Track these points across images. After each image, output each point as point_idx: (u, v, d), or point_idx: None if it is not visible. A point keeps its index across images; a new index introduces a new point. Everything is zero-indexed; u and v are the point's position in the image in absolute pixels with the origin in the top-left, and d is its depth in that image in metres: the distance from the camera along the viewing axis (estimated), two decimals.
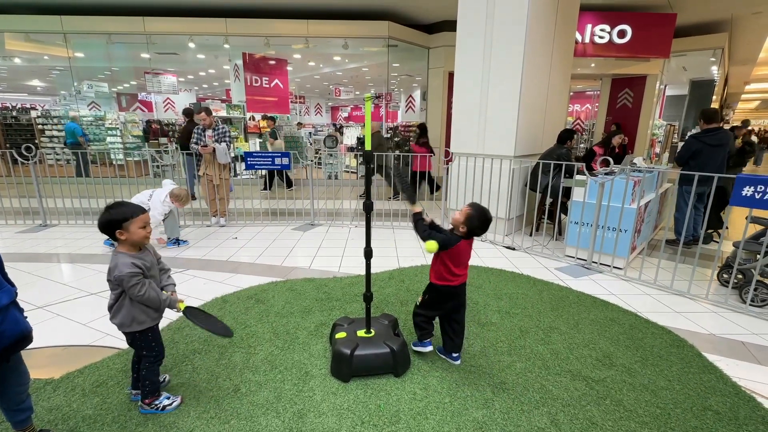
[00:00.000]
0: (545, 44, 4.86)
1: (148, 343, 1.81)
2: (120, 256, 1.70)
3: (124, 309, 1.73)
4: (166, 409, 1.85)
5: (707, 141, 4.21)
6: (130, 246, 1.72)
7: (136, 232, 1.69)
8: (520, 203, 5.00)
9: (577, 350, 2.41)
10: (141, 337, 1.78)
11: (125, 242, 1.70)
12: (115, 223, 1.66)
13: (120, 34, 8.96)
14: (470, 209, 2.07)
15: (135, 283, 1.67)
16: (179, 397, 1.92)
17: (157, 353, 1.84)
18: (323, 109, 25.56)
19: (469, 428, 1.78)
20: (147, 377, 1.82)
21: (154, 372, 1.85)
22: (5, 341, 1.33)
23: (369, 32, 8.91)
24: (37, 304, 2.94)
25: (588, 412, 1.89)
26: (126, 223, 1.67)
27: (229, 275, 3.57)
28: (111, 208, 1.69)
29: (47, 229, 5.05)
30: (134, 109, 13.80)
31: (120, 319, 1.74)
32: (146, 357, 1.82)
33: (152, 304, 1.75)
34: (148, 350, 1.81)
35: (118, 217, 1.66)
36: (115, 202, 1.76)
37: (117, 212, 1.68)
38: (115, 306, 1.74)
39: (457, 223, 2.08)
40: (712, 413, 1.89)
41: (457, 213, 2.11)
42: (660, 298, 3.23)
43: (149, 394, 1.84)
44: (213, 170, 5.10)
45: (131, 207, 1.73)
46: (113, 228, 1.67)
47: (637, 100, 10.43)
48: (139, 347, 1.81)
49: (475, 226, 2.05)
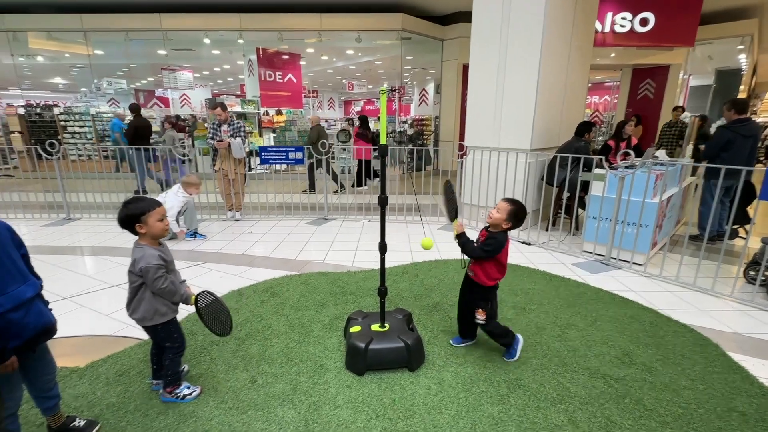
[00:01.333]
0: (564, 34, 4.73)
1: (171, 335, 1.86)
2: (146, 248, 1.74)
3: (145, 303, 1.76)
4: (186, 398, 1.90)
5: (740, 131, 4.02)
6: (150, 239, 1.77)
7: (155, 225, 1.73)
8: (536, 198, 4.92)
9: (595, 347, 2.37)
10: (163, 329, 1.83)
11: (145, 235, 1.75)
12: (134, 218, 1.71)
13: (137, 30, 9.11)
14: (510, 205, 2.07)
15: (160, 275, 1.72)
16: (199, 388, 1.96)
17: (179, 344, 1.89)
18: (336, 103, 25.55)
19: (485, 424, 1.77)
20: (169, 368, 1.88)
21: (176, 362, 1.90)
22: (29, 332, 1.38)
23: (382, 25, 8.83)
24: (62, 295, 3.04)
25: (607, 410, 1.85)
26: (144, 217, 1.71)
27: (245, 268, 3.62)
28: (128, 204, 1.74)
29: (71, 222, 5.21)
30: (152, 105, 14.06)
31: (141, 314, 1.77)
32: (169, 348, 1.87)
33: (172, 298, 1.79)
34: (171, 341, 1.86)
35: (136, 212, 1.71)
36: (132, 197, 1.81)
37: (135, 207, 1.72)
38: (134, 301, 1.77)
39: (498, 221, 2.07)
40: (738, 414, 1.84)
41: (494, 211, 2.10)
42: (682, 296, 3.14)
43: (171, 383, 1.89)
44: (228, 165, 5.17)
45: (148, 201, 1.77)
46: (132, 222, 1.71)
47: (659, 91, 10.07)
48: (162, 339, 1.86)
49: (520, 219, 2.08)
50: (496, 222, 2.08)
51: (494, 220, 2.09)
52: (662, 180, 3.64)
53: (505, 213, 2.06)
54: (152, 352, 1.97)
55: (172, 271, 1.83)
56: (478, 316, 2.18)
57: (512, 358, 2.23)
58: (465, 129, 5.33)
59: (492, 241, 2.09)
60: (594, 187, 3.89)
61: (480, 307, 2.16)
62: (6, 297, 1.31)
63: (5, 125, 10.05)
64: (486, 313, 2.15)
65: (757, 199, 3.56)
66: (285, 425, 1.76)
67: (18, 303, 1.34)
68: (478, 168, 4.97)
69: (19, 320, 1.34)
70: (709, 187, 4.22)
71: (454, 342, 2.39)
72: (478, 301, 2.17)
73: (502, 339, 2.23)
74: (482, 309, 2.15)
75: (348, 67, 14.18)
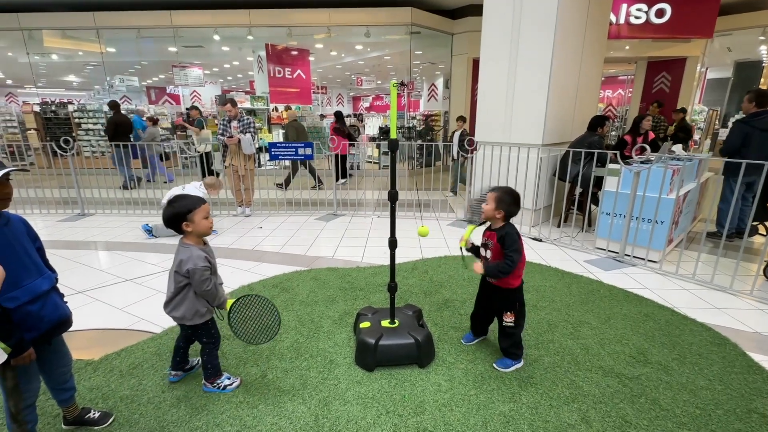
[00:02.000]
0: (577, 26, 4.63)
1: (209, 332, 1.88)
2: (192, 248, 1.73)
3: (187, 302, 1.76)
4: (227, 388, 1.93)
5: (757, 125, 3.89)
6: (196, 238, 1.76)
7: (201, 223, 1.73)
8: (548, 193, 4.84)
9: (609, 346, 2.32)
10: (203, 327, 1.84)
11: (191, 234, 1.74)
12: (181, 216, 1.70)
13: (148, 28, 9.20)
14: (495, 192, 1.98)
15: (206, 277, 1.71)
16: (239, 379, 1.99)
17: (216, 339, 1.91)
18: (345, 99, 25.51)
19: (496, 422, 1.75)
20: (208, 362, 1.91)
21: (214, 356, 1.92)
22: (45, 325, 1.40)
23: (391, 19, 8.77)
24: (77, 289, 3.09)
25: (621, 410, 1.82)
26: (191, 215, 1.70)
27: (255, 264, 3.64)
28: (174, 202, 1.73)
29: (85, 218, 5.31)
30: (163, 102, 14.23)
31: (182, 313, 1.77)
32: (206, 344, 1.89)
33: (215, 300, 1.80)
34: (209, 338, 1.88)
35: (183, 210, 1.70)
36: (176, 195, 1.81)
37: (181, 205, 1.71)
38: (176, 299, 1.76)
39: (489, 212, 1.99)
40: (758, 416, 1.78)
41: (484, 206, 2.02)
42: (699, 294, 3.06)
43: (212, 375, 1.93)
44: (238, 161, 5.19)
45: (193, 198, 1.76)
46: (179, 221, 1.70)
47: (675, 85, 9.82)
48: (200, 336, 1.88)
49: (509, 203, 1.96)
50: (488, 215, 2.00)
51: (486, 213, 2.01)
52: (679, 175, 3.54)
53: (492, 202, 1.97)
54: (179, 344, 1.99)
55: (215, 273, 1.84)
56: (506, 320, 2.06)
57: (503, 368, 2.09)
58: (475, 124, 5.27)
59: (507, 240, 1.93)
60: (608, 183, 3.81)
61: (509, 309, 2.05)
62: (22, 290, 1.33)
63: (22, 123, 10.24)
64: (515, 315, 2.05)
65: None
66: (295, 420, 1.76)
67: (34, 296, 1.36)
68: (488, 163, 4.91)
69: (36, 312, 1.37)
70: (729, 183, 4.10)
71: (465, 341, 2.35)
72: (507, 304, 2.06)
73: (513, 349, 2.10)
74: (512, 311, 2.05)
75: (357, 63, 14.13)
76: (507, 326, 2.07)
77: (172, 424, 1.74)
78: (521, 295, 2.09)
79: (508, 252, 1.93)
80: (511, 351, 2.11)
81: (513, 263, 1.92)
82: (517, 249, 1.92)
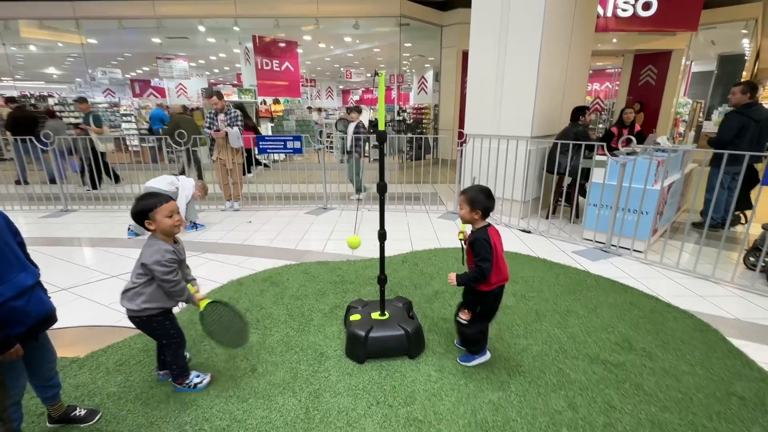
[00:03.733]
0: (565, 19, 4.64)
1: (166, 331, 1.81)
2: (159, 242, 1.71)
3: (143, 296, 1.71)
4: (197, 386, 1.90)
5: (752, 116, 3.89)
6: (162, 235, 1.73)
7: (163, 221, 1.70)
8: (536, 186, 4.89)
9: (595, 334, 2.37)
10: (158, 325, 1.78)
11: (155, 232, 1.72)
12: (142, 214, 1.69)
13: (130, 18, 8.94)
14: (466, 195, 1.89)
15: (172, 269, 1.69)
16: (209, 375, 1.96)
17: (176, 340, 1.84)
18: (334, 92, 25.29)
19: (485, 410, 1.77)
20: (173, 362, 1.86)
21: (177, 356, 1.86)
22: (32, 320, 1.38)
23: (380, 11, 8.67)
24: (61, 286, 3.03)
25: (607, 395, 1.86)
26: (152, 213, 1.68)
27: (245, 258, 3.61)
28: (140, 200, 1.72)
29: (68, 214, 5.18)
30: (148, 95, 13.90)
31: (136, 305, 1.71)
32: (166, 345, 1.84)
33: (179, 296, 1.76)
34: (167, 338, 1.83)
35: (145, 207, 1.69)
36: (144, 192, 1.79)
37: (145, 203, 1.70)
38: (133, 291, 1.72)
39: (465, 216, 1.91)
40: (737, 399, 1.84)
41: (460, 212, 1.94)
42: (682, 282, 3.14)
43: (178, 376, 1.88)
44: (226, 155, 5.12)
45: (157, 197, 1.73)
46: (142, 218, 1.70)
47: (661, 77, 9.95)
48: (159, 336, 1.84)
49: (482, 201, 1.86)
50: (467, 219, 1.91)
51: (464, 218, 1.92)
52: (664, 166, 3.60)
53: (466, 204, 1.88)
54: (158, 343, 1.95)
55: (182, 268, 1.82)
56: (461, 315, 1.99)
57: (465, 363, 2.06)
58: (465, 117, 5.27)
59: (476, 247, 1.85)
60: (595, 174, 3.86)
61: (466, 306, 1.99)
62: (6, 285, 1.30)
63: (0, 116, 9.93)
64: (471, 315, 1.97)
65: (759, 184, 3.53)
66: (285, 413, 1.76)
67: (19, 291, 1.34)
68: (477, 156, 4.92)
69: (22, 308, 1.34)
70: (718, 174, 4.17)
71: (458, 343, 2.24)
72: (466, 302, 2.00)
73: (472, 346, 2.07)
74: (468, 309, 1.98)
75: (346, 55, 14.00)
76: (459, 321, 2.01)
77: (160, 420, 1.72)
78: (487, 301, 1.96)
79: (477, 261, 1.85)
80: (469, 348, 2.09)
81: (482, 273, 1.82)
82: (486, 257, 1.82)
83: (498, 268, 1.88)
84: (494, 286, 1.91)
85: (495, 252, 1.84)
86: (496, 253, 1.85)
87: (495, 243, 1.86)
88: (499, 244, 1.89)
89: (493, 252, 1.83)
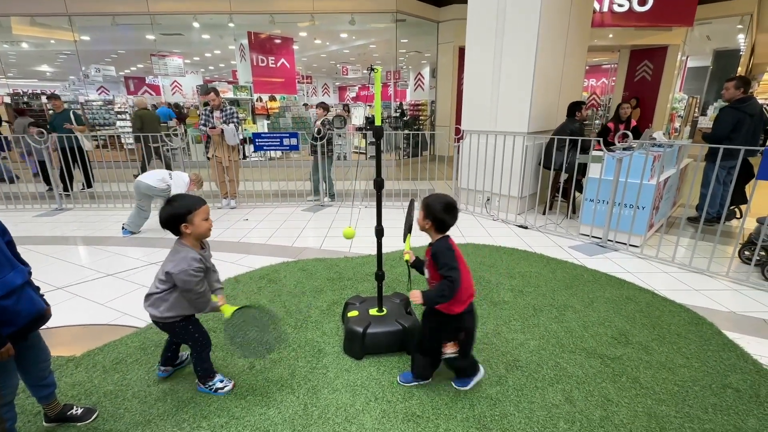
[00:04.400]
0: (561, 14, 4.63)
1: (191, 335, 1.79)
2: (187, 249, 1.64)
3: (167, 303, 1.68)
4: (218, 392, 1.85)
5: (747, 110, 3.91)
6: (194, 240, 1.67)
7: (201, 225, 1.64)
8: (533, 181, 4.90)
9: (592, 328, 2.38)
10: (180, 330, 1.76)
11: (189, 236, 1.65)
12: (180, 217, 1.61)
13: (124, 14, 8.85)
14: (426, 199, 1.72)
15: (197, 279, 1.63)
16: (232, 382, 1.91)
17: (202, 342, 1.82)
18: (330, 89, 25.17)
19: (483, 405, 1.78)
20: (197, 365, 1.84)
21: (201, 359, 1.83)
22: (22, 320, 1.36)
23: (376, 6, 8.63)
24: (56, 285, 3.00)
25: (603, 389, 1.87)
26: (191, 216, 1.62)
27: (242, 256, 3.60)
28: (173, 201, 1.65)
29: (62, 213, 5.14)
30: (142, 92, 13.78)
31: (160, 312, 1.68)
32: (192, 347, 1.82)
33: (200, 306, 1.72)
34: (192, 341, 1.80)
35: (182, 210, 1.61)
36: (175, 195, 1.73)
37: (181, 205, 1.62)
38: (157, 296, 1.67)
39: (421, 224, 1.74)
40: (732, 391, 1.86)
41: (417, 215, 1.80)
42: (678, 276, 3.15)
43: (203, 378, 1.86)
44: (222, 152, 5.09)
45: (193, 199, 1.67)
46: (178, 222, 1.61)
47: (657, 73, 9.97)
48: (183, 339, 1.81)
49: (438, 211, 1.66)
50: (421, 225, 1.74)
51: (420, 226, 1.75)
52: (660, 161, 3.62)
53: (422, 209, 1.71)
54: (170, 339, 1.92)
55: (208, 275, 1.77)
56: (447, 351, 1.73)
57: (464, 387, 1.86)
58: (461, 113, 5.26)
59: (440, 258, 1.64)
60: (591, 170, 3.87)
61: (448, 339, 1.73)
62: None
63: None
64: (458, 345, 1.73)
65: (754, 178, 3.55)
66: (284, 409, 1.76)
67: (8, 290, 1.31)
68: (474, 152, 4.92)
69: (12, 307, 1.32)
70: (713, 168, 4.19)
71: (401, 379, 1.92)
72: (445, 333, 1.73)
73: (463, 373, 1.88)
74: (451, 341, 1.73)
75: (342, 52, 13.93)
76: (449, 359, 1.76)
77: (158, 418, 1.72)
78: (468, 322, 1.74)
79: (443, 272, 1.61)
80: (461, 375, 1.89)
81: (453, 283, 1.58)
82: (452, 266, 1.60)
83: (465, 286, 1.68)
84: (467, 303, 1.71)
85: (461, 263, 1.66)
86: (463, 264, 1.67)
87: (459, 254, 1.68)
88: (462, 258, 1.69)
89: (459, 261, 1.64)
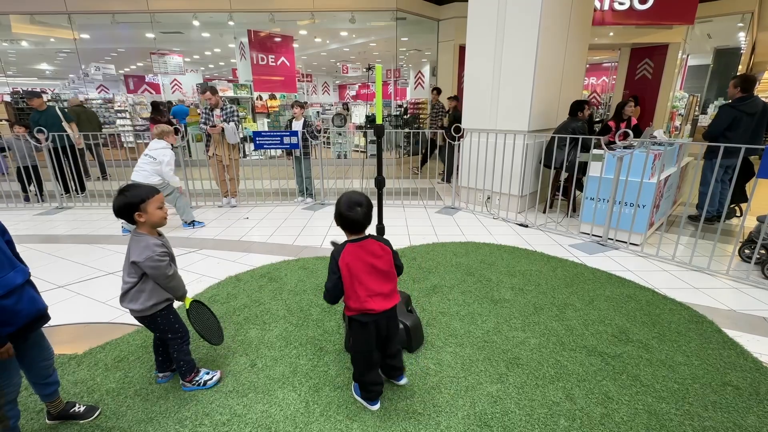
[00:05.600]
0: (562, 13, 4.62)
1: (171, 325, 1.80)
2: (146, 237, 1.67)
3: (145, 294, 1.69)
4: (207, 384, 1.88)
5: (745, 109, 3.94)
6: (149, 228, 1.70)
7: (155, 213, 1.67)
8: (533, 180, 4.90)
9: (593, 326, 2.39)
10: (163, 320, 1.77)
11: (144, 224, 1.67)
12: (133, 206, 1.63)
13: (124, 12, 8.83)
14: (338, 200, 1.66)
15: (166, 263, 1.68)
16: (219, 372, 1.94)
17: (181, 333, 1.84)
18: (330, 87, 25.13)
19: (484, 402, 1.79)
20: (179, 359, 1.84)
21: (184, 352, 1.85)
22: (22, 319, 1.36)
23: (376, 4, 8.61)
24: (57, 284, 3.01)
25: (604, 387, 1.88)
26: (143, 204, 1.64)
27: (242, 254, 3.60)
28: (125, 191, 1.66)
29: (63, 211, 5.15)
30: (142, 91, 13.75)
31: (140, 305, 1.69)
32: (172, 339, 1.81)
33: (176, 290, 1.76)
34: (173, 332, 1.80)
35: (135, 200, 1.63)
36: (128, 184, 1.73)
37: (133, 194, 1.64)
38: (132, 291, 1.69)
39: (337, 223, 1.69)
40: (732, 388, 1.87)
41: None
42: (678, 275, 3.16)
43: (187, 372, 1.87)
44: (222, 150, 5.09)
45: (146, 188, 1.70)
46: (131, 211, 1.64)
47: (658, 71, 9.95)
48: (163, 331, 1.80)
49: (337, 211, 1.62)
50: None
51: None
52: (660, 160, 3.62)
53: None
54: (156, 343, 1.92)
55: (174, 261, 1.79)
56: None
57: (355, 394, 1.82)
58: (462, 111, 5.25)
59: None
60: (592, 168, 3.87)
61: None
62: None
63: None
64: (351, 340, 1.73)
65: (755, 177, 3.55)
66: (285, 407, 1.77)
67: (8, 290, 1.32)
68: (475, 151, 4.92)
69: (11, 307, 1.32)
70: (711, 166, 4.20)
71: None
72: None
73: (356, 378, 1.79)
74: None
75: (342, 50, 13.90)
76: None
77: (160, 416, 1.72)
78: (355, 332, 1.67)
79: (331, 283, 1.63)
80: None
81: (325, 292, 1.65)
82: (329, 274, 1.62)
83: (355, 294, 1.58)
84: (354, 312, 1.63)
85: (348, 273, 1.57)
86: (350, 275, 1.57)
87: (349, 263, 1.57)
88: (359, 266, 1.58)
89: (348, 274, 1.57)
